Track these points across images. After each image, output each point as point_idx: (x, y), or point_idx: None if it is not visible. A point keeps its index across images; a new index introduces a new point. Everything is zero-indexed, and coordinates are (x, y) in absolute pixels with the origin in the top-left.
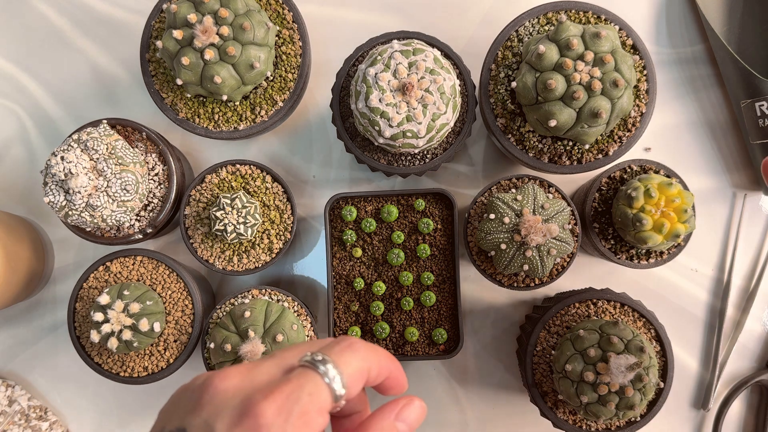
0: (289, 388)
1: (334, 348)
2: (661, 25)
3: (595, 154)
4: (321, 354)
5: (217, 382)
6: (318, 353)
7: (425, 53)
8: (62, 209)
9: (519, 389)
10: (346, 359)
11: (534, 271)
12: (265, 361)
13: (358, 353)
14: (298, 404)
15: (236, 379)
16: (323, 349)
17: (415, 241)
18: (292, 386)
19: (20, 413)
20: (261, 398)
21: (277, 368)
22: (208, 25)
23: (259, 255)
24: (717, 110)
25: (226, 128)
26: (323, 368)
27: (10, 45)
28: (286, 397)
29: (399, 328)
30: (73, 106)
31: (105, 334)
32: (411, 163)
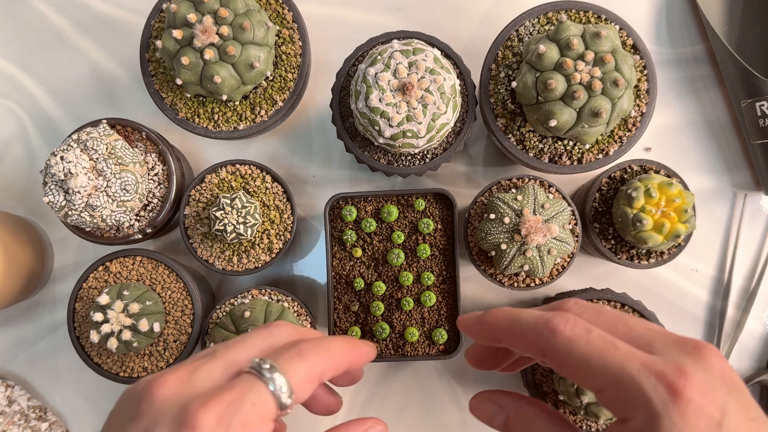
0: (231, 396)
1: (283, 355)
2: (661, 25)
3: (596, 154)
4: (268, 361)
5: (155, 390)
6: (266, 360)
7: (425, 53)
8: (62, 209)
9: (519, 389)
10: (294, 367)
11: (534, 271)
12: (208, 362)
13: (308, 360)
14: (239, 413)
15: (175, 386)
16: (272, 355)
17: (415, 241)
18: (234, 394)
19: (20, 413)
20: (199, 406)
21: (221, 371)
22: (208, 25)
23: (259, 255)
24: (717, 110)
25: (225, 128)
26: (269, 376)
27: (10, 45)
28: (227, 406)
29: (399, 328)
30: (73, 106)
31: (105, 334)
32: (411, 163)
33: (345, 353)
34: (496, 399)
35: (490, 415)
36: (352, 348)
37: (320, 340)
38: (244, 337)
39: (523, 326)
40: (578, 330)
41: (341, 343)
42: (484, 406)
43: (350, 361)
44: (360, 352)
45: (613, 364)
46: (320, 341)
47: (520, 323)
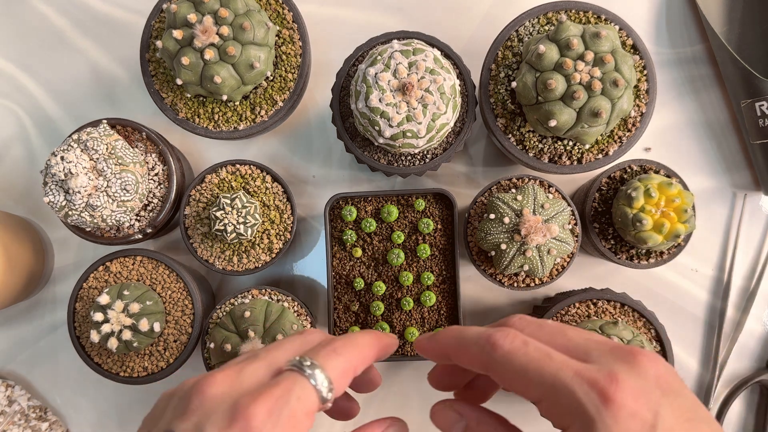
0: (278, 391)
1: (320, 352)
2: (661, 25)
3: (595, 154)
4: (308, 359)
5: (206, 387)
6: (306, 358)
7: (425, 53)
8: (62, 209)
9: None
10: (332, 363)
11: (534, 271)
12: (252, 363)
13: (343, 356)
14: (287, 407)
15: (225, 384)
16: (310, 353)
17: (415, 241)
18: (281, 390)
19: (20, 413)
20: (251, 401)
21: (265, 370)
22: (208, 25)
23: (259, 255)
24: (717, 110)
25: (226, 128)
26: (310, 372)
27: (10, 45)
28: (275, 401)
29: (399, 328)
30: (73, 106)
31: (105, 334)
32: (411, 163)
33: (373, 346)
34: (458, 408)
35: (450, 423)
36: (378, 340)
37: (350, 337)
38: (282, 342)
39: (467, 342)
40: (516, 343)
41: (368, 337)
42: (444, 414)
43: (377, 353)
44: (385, 344)
45: (549, 374)
46: (350, 338)
47: (464, 340)
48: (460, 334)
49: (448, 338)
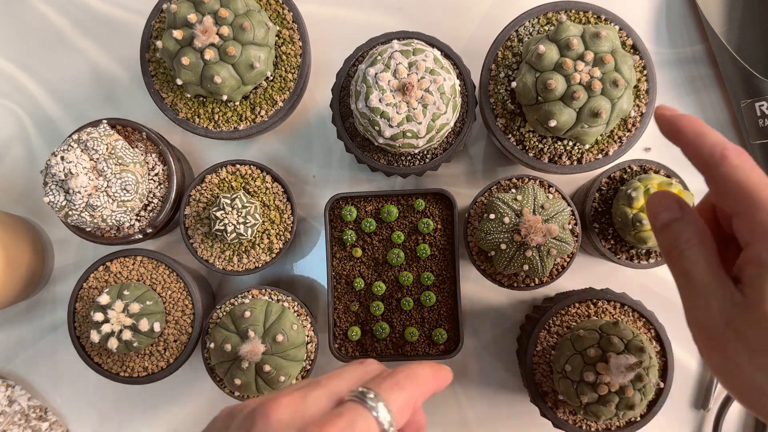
0: (342, 422)
1: (382, 385)
2: (661, 25)
3: (595, 154)
4: (371, 390)
5: (271, 411)
6: (369, 390)
7: (425, 53)
8: (62, 209)
9: (519, 389)
10: (395, 396)
11: (534, 271)
12: (315, 390)
13: (405, 390)
14: None
15: (290, 409)
16: (371, 384)
17: (415, 241)
18: (345, 421)
19: (20, 413)
20: (316, 431)
21: (327, 399)
22: (208, 25)
23: (259, 255)
24: (717, 110)
25: (226, 128)
26: (372, 404)
27: (10, 45)
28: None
29: (399, 328)
30: (73, 106)
31: (105, 334)
32: (411, 163)
33: (432, 380)
34: (682, 201)
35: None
36: (437, 373)
37: (411, 369)
38: (343, 370)
39: (703, 142)
40: (745, 162)
41: (429, 370)
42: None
43: (436, 387)
44: (442, 377)
45: (759, 195)
46: (412, 370)
47: (702, 138)
48: (702, 131)
49: (689, 128)
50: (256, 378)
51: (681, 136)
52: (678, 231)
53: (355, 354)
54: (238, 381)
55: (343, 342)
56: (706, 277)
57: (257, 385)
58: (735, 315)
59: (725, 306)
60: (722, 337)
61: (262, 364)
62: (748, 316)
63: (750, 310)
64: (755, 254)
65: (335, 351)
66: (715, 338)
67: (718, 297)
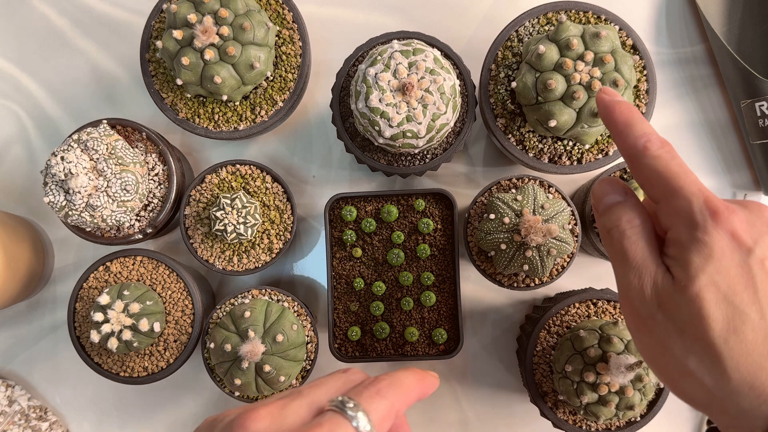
0: None
1: (363, 393)
2: (661, 25)
3: (595, 154)
4: (352, 400)
5: (249, 423)
6: (349, 399)
7: (425, 53)
8: (62, 209)
9: (519, 389)
10: (375, 406)
11: (534, 271)
12: (295, 400)
13: (387, 398)
14: None
15: (267, 420)
16: (352, 393)
17: (415, 241)
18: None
19: (20, 413)
20: None
21: (307, 409)
22: (208, 25)
23: (259, 255)
24: (717, 110)
25: (226, 128)
26: (352, 414)
27: (10, 45)
28: None
29: (399, 328)
30: (73, 106)
31: (105, 334)
32: (411, 163)
33: (416, 387)
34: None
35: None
36: (421, 380)
37: (394, 377)
38: (325, 379)
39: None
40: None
41: (412, 378)
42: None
43: (420, 394)
44: (427, 384)
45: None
46: (394, 378)
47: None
48: (630, 122)
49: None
50: (256, 378)
51: (612, 123)
52: (620, 212)
53: (355, 354)
54: (238, 381)
55: (343, 342)
56: (643, 256)
57: (257, 385)
58: (666, 296)
59: (658, 287)
60: (653, 319)
61: (262, 364)
62: (678, 297)
63: (679, 291)
64: (676, 236)
65: (335, 351)
66: (646, 320)
67: (652, 277)
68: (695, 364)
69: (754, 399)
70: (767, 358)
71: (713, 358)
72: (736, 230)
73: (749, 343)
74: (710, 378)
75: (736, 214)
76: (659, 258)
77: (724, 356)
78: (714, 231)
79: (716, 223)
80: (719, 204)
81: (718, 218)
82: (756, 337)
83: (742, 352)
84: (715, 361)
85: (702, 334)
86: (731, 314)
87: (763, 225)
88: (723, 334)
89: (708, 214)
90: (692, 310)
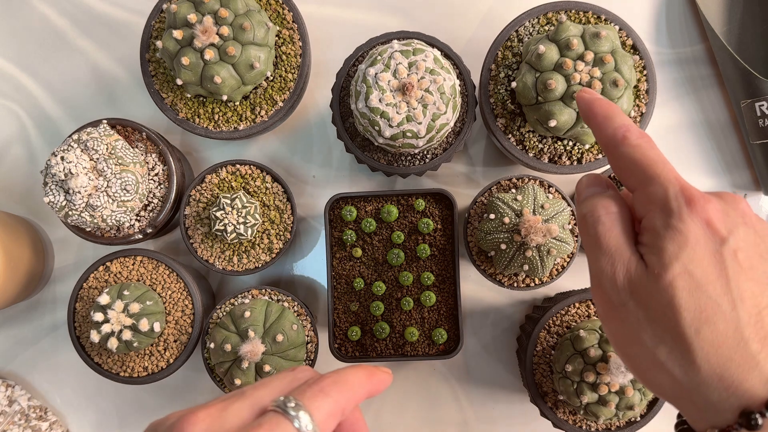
0: None
1: (306, 392)
2: (661, 25)
3: (595, 154)
4: (293, 399)
5: (187, 426)
6: (290, 398)
7: (425, 53)
8: (62, 209)
9: (519, 389)
10: (318, 404)
11: (534, 271)
12: (236, 402)
13: (330, 396)
14: None
15: (206, 423)
16: (295, 392)
17: (415, 241)
18: None
19: (20, 413)
20: None
21: (248, 410)
22: (208, 25)
23: (259, 255)
24: (717, 110)
25: (226, 128)
26: (293, 413)
27: (10, 45)
28: None
29: (399, 328)
30: (73, 106)
31: (105, 334)
32: (411, 163)
33: (364, 384)
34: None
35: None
36: (370, 377)
37: (340, 374)
38: (270, 379)
39: (608, 125)
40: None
41: (360, 374)
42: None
43: (369, 391)
44: (377, 381)
45: (655, 171)
46: (340, 375)
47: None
48: (610, 115)
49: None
50: (256, 378)
51: (592, 116)
52: (598, 201)
53: (355, 354)
54: (238, 381)
55: (343, 342)
56: (617, 243)
57: None
58: (639, 284)
59: (631, 274)
60: (624, 307)
61: (262, 364)
62: (651, 285)
63: (652, 279)
64: (650, 224)
65: (335, 351)
66: (618, 307)
67: (625, 264)
68: (665, 354)
69: (723, 391)
70: (737, 350)
71: (683, 349)
72: (711, 219)
73: (720, 335)
74: (679, 369)
75: (711, 203)
76: (634, 246)
77: (695, 347)
78: (689, 219)
79: (691, 211)
80: (695, 192)
81: (694, 206)
82: (727, 329)
83: (712, 343)
84: (685, 352)
85: (673, 323)
86: (703, 304)
87: (738, 216)
88: (694, 324)
89: (683, 201)
90: (665, 299)
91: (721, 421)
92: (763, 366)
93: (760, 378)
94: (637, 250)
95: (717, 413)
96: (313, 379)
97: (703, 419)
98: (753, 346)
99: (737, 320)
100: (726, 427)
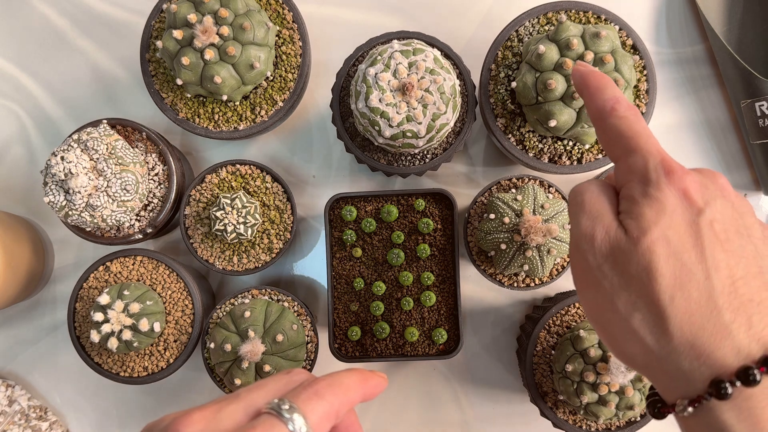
0: None
1: (300, 395)
2: (661, 25)
3: (595, 154)
4: (288, 402)
5: (182, 428)
6: (285, 401)
7: (425, 53)
8: (62, 209)
9: (519, 389)
10: (312, 407)
11: (534, 271)
12: (231, 404)
13: (325, 399)
14: None
15: (200, 425)
16: (290, 395)
17: (415, 241)
18: None
19: (20, 413)
20: None
21: (243, 412)
22: (208, 25)
23: (259, 255)
24: (717, 110)
25: (226, 128)
26: (288, 416)
27: (10, 45)
28: None
29: (399, 328)
30: (73, 106)
31: (105, 334)
32: (411, 163)
33: (358, 388)
34: None
35: None
36: (365, 381)
37: (334, 377)
38: (265, 381)
39: (600, 96)
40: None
41: (354, 378)
42: None
43: (363, 395)
44: (372, 385)
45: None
46: (334, 378)
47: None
48: (602, 87)
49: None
50: (256, 378)
51: (584, 87)
52: (588, 182)
53: (355, 354)
54: (238, 381)
55: (343, 342)
56: (600, 207)
57: None
58: (616, 249)
59: (610, 237)
60: (600, 270)
61: (262, 364)
62: (629, 249)
63: (631, 243)
64: (629, 192)
65: (335, 351)
66: (594, 270)
67: (605, 227)
68: (638, 321)
69: (694, 360)
70: (709, 319)
71: (657, 316)
72: (689, 190)
73: (693, 303)
74: (652, 336)
75: (689, 175)
76: (616, 215)
77: (668, 314)
78: (666, 188)
79: (669, 181)
80: (674, 165)
81: (672, 177)
82: (700, 297)
83: (686, 310)
84: (658, 319)
85: (649, 288)
86: (679, 271)
87: (716, 189)
88: (669, 290)
89: (662, 172)
90: (642, 263)
91: (692, 391)
92: (735, 336)
93: (731, 347)
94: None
95: (688, 383)
96: (308, 382)
97: (674, 389)
98: (726, 316)
99: (711, 289)
100: (696, 396)
